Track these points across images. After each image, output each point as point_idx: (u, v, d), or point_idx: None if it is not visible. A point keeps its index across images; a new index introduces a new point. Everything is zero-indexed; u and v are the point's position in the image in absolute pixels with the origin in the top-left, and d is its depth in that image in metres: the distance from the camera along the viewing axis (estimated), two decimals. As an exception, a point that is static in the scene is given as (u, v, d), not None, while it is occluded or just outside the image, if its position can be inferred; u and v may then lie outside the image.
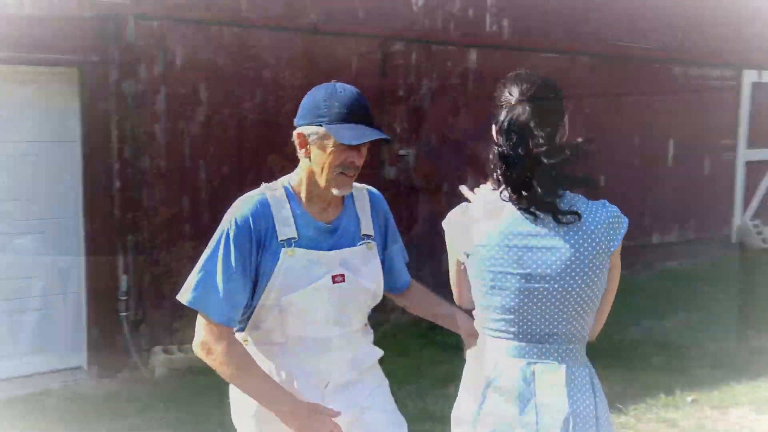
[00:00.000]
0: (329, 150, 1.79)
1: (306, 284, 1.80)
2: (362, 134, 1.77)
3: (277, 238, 1.80)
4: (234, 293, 1.78)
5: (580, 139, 1.60)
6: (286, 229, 1.82)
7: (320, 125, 1.79)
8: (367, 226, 1.96)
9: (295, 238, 1.81)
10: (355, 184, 1.94)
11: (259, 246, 1.80)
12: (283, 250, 1.79)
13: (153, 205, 5.14)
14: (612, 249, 1.60)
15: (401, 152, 6.18)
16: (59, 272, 5.14)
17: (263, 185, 1.91)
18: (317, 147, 1.81)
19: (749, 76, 8.78)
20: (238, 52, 5.27)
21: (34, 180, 5.01)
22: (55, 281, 5.11)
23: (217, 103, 5.27)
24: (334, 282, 1.83)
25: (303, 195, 1.89)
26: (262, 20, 5.34)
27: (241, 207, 1.83)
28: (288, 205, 1.85)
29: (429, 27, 6.26)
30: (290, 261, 1.80)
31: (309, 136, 1.82)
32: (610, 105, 7.40)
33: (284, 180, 1.93)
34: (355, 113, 1.79)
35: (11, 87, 4.86)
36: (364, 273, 1.91)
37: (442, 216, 1.73)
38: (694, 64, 8.22)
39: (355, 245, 1.91)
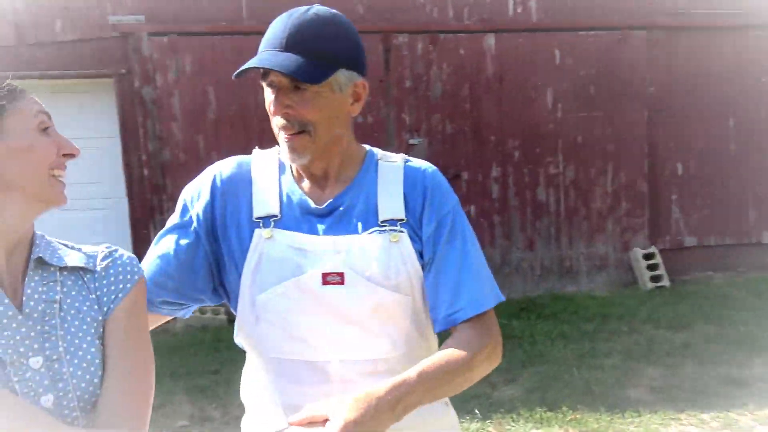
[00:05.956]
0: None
1: (282, 278, 1.28)
2: (260, 61, 1.26)
3: (251, 214, 1.33)
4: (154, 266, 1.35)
5: None
6: (265, 204, 1.33)
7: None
8: (391, 208, 1.32)
9: (276, 216, 1.32)
10: (389, 154, 1.41)
11: (222, 219, 1.35)
12: (257, 230, 1.31)
13: (175, 191, 6.14)
14: None
15: (411, 141, 6.40)
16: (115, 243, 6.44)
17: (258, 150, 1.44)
18: None
19: None
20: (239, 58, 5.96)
21: (92, 169, 6.32)
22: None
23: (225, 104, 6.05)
24: (324, 282, 1.27)
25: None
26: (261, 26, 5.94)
27: (214, 167, 1.40)
28: (277, 176, 1.36)
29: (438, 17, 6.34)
30: (266, 246, 1.30)
31: None
32: (683, 84, 6.71)
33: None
34: (265, 40, 1.30)
35: (68, 95, 6.16)
36: (382, 272, 1.29)
37: (462, 204, 1.40)
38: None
39: (359, 233, 1.30)
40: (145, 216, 6.14)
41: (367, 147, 1.43)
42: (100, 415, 1.08)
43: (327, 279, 1.28)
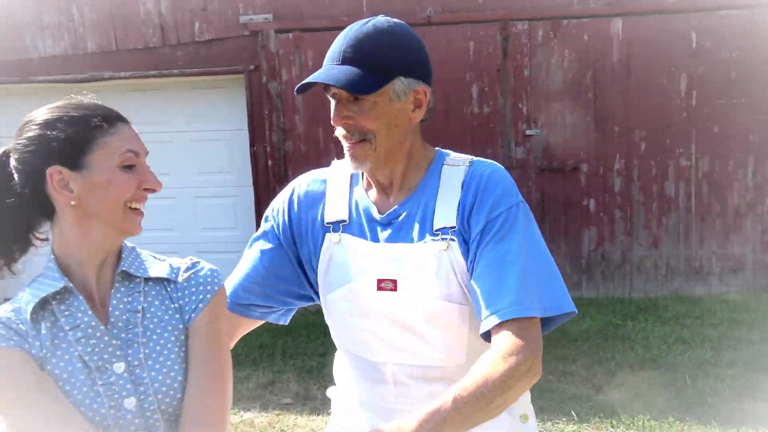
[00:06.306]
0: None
1: (345, 281, 1.36)
2: (315, 76, 1.31)
3: (324, 219, 1.41)
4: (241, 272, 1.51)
5: None
6: (336, 210, 1.41)
7: None
8: (445, 216, 1.31)
9: (345, 221, 1.39)
10: (457, 157, 1.40)
11: (298, 228, 1.46)
12: (327, 234, 1.40)
13: (296, 180, 6.44)
14: None
15: (528, 132, 6.23)
16: (243, 229, 6.88)
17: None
18: None
19: None
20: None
21: (224, 159, 6.79)
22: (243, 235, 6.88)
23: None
24: (379, 288, 1.32)
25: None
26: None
27: (294, 181, 1.53)
28: (348, 185, 1.43)
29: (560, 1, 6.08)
30: (334, 249, 1.39)
31: None
32: None
33: None
34: (327, 55, 1.33)
35: (205, 91, 6.66)
36: (433, 282, 1.30)
37: (580, 197, 1.28)
38: None
39: (414, 241, 1.32)
40: (268, 204, 6.51)
41: (437, 150, 1.41)
42: (182, 420, 1.14)
43: (381, 285, 1.32)
